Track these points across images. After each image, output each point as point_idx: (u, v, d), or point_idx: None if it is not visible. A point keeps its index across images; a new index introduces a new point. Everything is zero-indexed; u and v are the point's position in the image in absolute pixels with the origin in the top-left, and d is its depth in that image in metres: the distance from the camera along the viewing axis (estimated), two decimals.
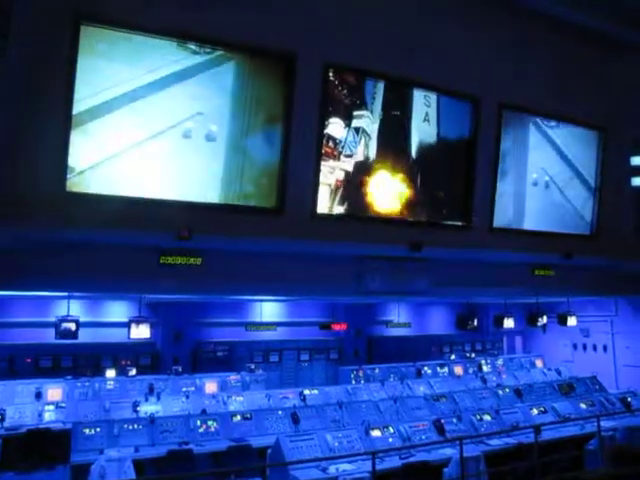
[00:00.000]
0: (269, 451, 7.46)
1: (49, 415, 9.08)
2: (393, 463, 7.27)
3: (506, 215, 9.00)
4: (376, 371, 12.31)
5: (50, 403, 9.34)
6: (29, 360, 11.36)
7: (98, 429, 8.08)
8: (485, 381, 11.86)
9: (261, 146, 7.30)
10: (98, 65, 6.41)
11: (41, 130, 6.25)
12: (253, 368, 11.59)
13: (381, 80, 7.84)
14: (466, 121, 8.38)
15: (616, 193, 9.88)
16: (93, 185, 6.56)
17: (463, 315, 13.15)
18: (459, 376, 12.29)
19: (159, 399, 9.48)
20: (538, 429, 7.85)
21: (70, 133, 6.35)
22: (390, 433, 7.85)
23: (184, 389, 10.32)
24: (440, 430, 8.00)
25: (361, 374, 12.08)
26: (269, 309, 13.19)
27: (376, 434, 7.74)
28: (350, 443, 7.53)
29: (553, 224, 9.54)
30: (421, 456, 7.43)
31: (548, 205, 9.46)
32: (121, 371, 11.28)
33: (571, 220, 9.75)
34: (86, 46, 6.29)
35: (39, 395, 9.58)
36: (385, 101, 7.89)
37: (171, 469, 7.57)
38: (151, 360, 12.18)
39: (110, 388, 10.21)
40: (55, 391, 9.82)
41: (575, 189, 9.74)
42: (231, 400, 9.72)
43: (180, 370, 10.87)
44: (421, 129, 8.20)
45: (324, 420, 8.65)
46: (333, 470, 6.93)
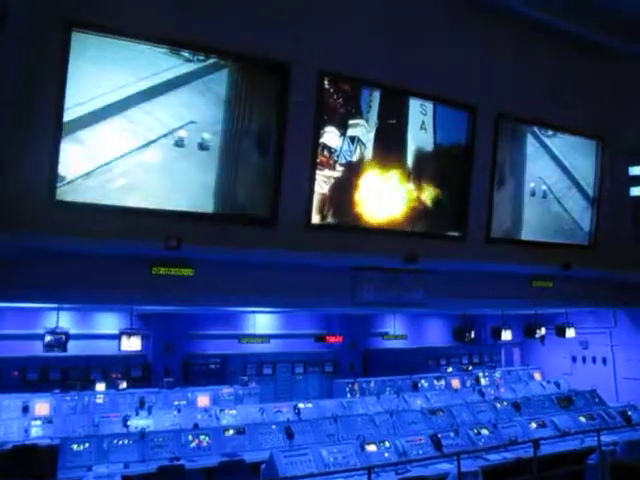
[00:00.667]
0: (263, 466, 7.38)
1: (36, 430, 8.97)
2: (389, 479, 7.20)
3: (503, 225, 8.96)
4: (372, 384, 12.21)
5: (37, 418, 9.22)
6: (16, 373, 11.12)
7: (87, 444, 7.89)
8: (483, 394, 11.79)
9: (255, 155, 7.31)
10: (89, 72, 6.40)
11: (31, 138, 6.23)
12: (246, 381, 11.47)
13: (377, 89, 7.83)
14: (463, 130, 8.36)
15: (615, 203, 9.91)
16: (83, 194, 6.51)
17: (460, 327, 13.04)
18: (456, 389, 12.18)
19: (150, 413, 9.36)
20: (537, 443, 7.81)
21: (60, 141, 6.34)
22: (386, 448, 7.79)
23: (176, 402, 10.24)
24: (437, 445, 7.93)
25: (356, 387, 11.97)
26: (263, 321, 13.07)
27: (372, 449, 7.68)
28: (345, 458, 7.48)
29: (551, 234, 9.52)
30: (418, 471, 7.37)
31: (546, 215, 9.43)
32: (111, 384, 11.13)
33: (569, 230, 9.72)
34: (78, 53, 6.28)
35: (26, 409, 9.42)
36: (381, 110, 7.89)
37: None
38: (142, 373, 12.00)
39: (100, 402, 10.07)
40: (42, 405, 9.67)
41: (573, 199, 9.73)
42: (224, 414, 9.62)
43: (172, 382, 10.72)
44: (417, 138, 8.18)
45: (319, 434, 8.59)
46: None
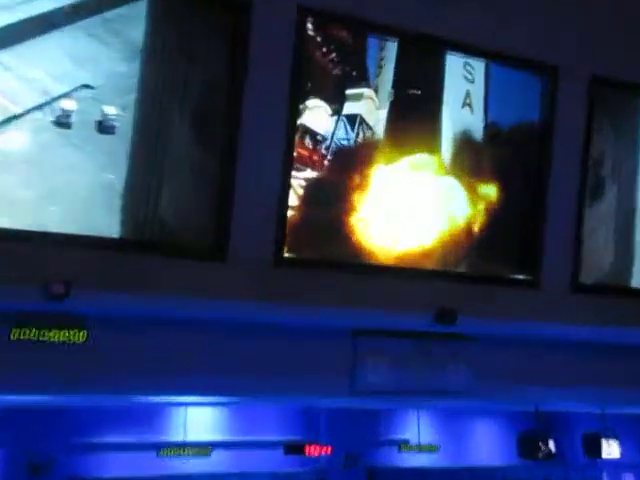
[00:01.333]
0: None
1: None
2: None
3: (602, 264, 8.47)
4: None
5: None
6: None
7: None
8: None
9: (191, 145, 6.82)
10: None
11: None
12: None
13: (393, 38, 7.33)
14: (534, 107, 7.91)
15: None
16: None
17: (529, 433, 12.39)
18: None
19: None
20: None
21: None
22: None
23: None
24: None
25: None
26: (199, 419, 12.62)
27: None
28: None
29: None
30: None
31: None
32: None
33: None
34: None
35: None
36: (399, 73, 7.38)
37: None
38: None
39: None
40: None
41: None
42: None
43: None
44: (458, 119, 7.73)
45: None
46: None
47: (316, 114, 7.12)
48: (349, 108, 7.25)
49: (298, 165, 7.06)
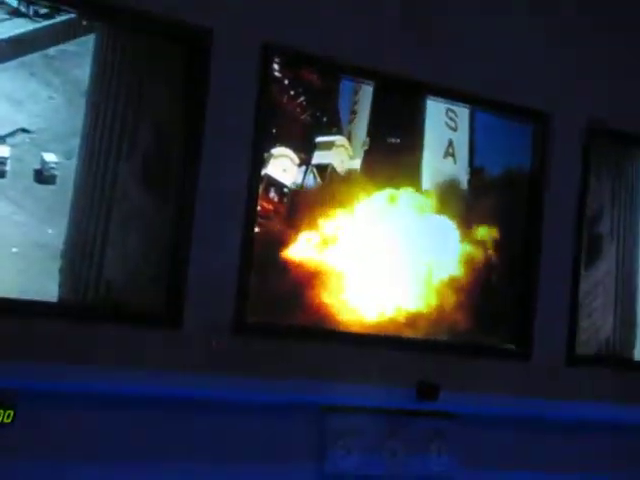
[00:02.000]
0: None
1: None
2: None
3: (600, 333, 8.12)
4: None
5: None
6: None
7: None
8: None
9: (142, 197, 6.44)
10: None
11: None
12: None
13: (368, 81, 7.06)
14: (525, 156, 7.65)
15: None
16: None
17: None
18: None
19: None
20: None
21: None
22: None
23: None
24: None
25: None
26: None
27: None
28: None
29: None
30: None
31: None
32: None
33: None
34: None
35: None
36: (375, 119, 7.10)
37: None
38: None
39: None
40: None
41: None
42: None
43: None
44: (440, 170, 7.41)
45: None
46: None
47: (282, 164, 6.80)
48: (319, 157, 6.95)
49: (262, 219, 6.75)
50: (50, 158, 6.16)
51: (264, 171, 6.72)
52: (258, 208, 6.76)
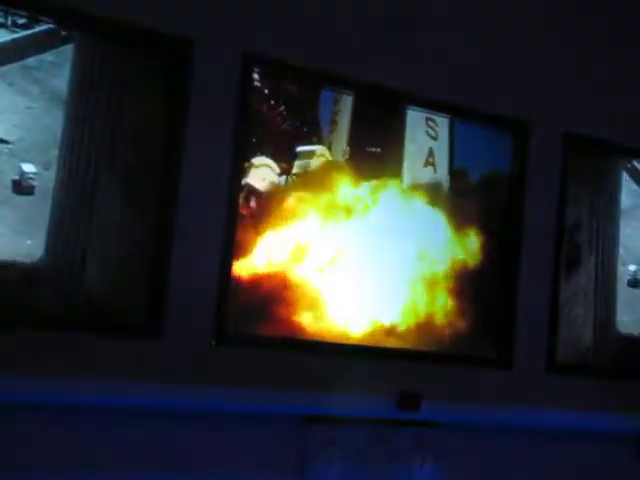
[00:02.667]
0: None
1: None
2: None
3: (581, 342, 8.09)
4: None
5: None
6: None
7: None
8: None
9: (122, 207, 6.36)
10: None
11: None
12: None
13: (348, 91, 7.05)
14: (505, 166, 7.66)
15: None
16: None
17: None
18: None
19: None
20: None
21: None
22: None
23: None
24: None
25: None
26: None
27: None
28: None
29: None
30: None
31: None
32: None
33: None
34: None
35: None
36: (355, 128, 7.08)
37: None
38: None
39: None
40: None
41: None
42: None
43: None
44: (420, 177, 7.41)
45: None
46: None
47: (262, 173, 6.78)
48: (300, 166, 6.96)
49: (242, 228, 6.69)
50: (28, 168, 6.10)
51: (244, 180, 6.69)
52: (237, 215, 6.77)
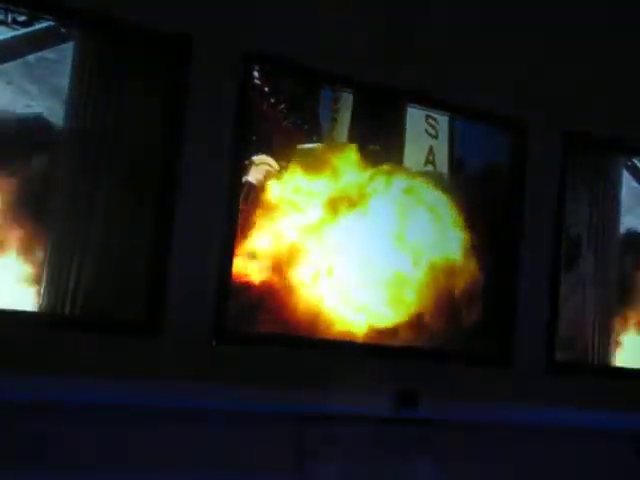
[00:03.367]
0: None
1: None
2: None
3: (580, 339, 8.09)
4: None
5: None
6: None
7: None
8: None
9: (121, 205, 6.33)
10: None
11: None
12: None
13: (347, 89, 7.06)
14: (504, 163, 7.65)
15: None
16: None
17: None
18: None
19: None
20: None
21: None
22: None
23: None
24: None
25: None
26: None
27: None
28: None
29: None
30: None
31: None
32: None
33: None
34: None
35: None
36: (355, 126, 7.06)
37: None
38: None
39: None
40: None
41: None
42: None
43: None
44: (420, 178, 7.37)
45: None
46: None
47: (262, 171, 6.78)
48: (300, 164, 6.93)
49: (242, 226, 6.68)
50: None
51: (245, 178, 6.67)
52: (238, 215, 6.73)
